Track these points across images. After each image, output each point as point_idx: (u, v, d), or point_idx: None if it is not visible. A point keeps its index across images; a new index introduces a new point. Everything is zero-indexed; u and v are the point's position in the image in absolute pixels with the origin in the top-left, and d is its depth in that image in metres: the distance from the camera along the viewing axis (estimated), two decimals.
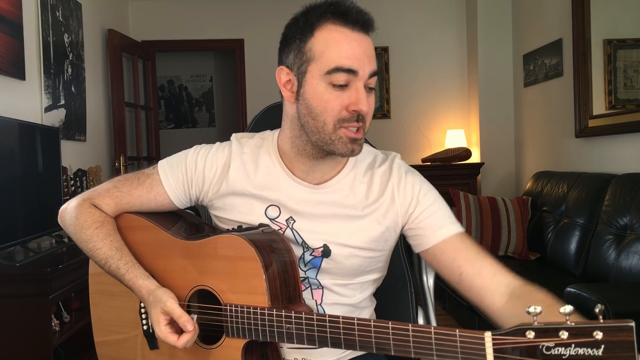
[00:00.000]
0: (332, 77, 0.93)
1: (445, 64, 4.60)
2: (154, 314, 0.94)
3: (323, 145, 0.97)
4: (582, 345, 0.64)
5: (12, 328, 2.01)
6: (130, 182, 1.10)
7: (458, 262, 0.98)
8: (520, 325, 0.68)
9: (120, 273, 1.01)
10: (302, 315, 0.87)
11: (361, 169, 1.07)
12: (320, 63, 0.93)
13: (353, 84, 0.93)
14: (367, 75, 0.94)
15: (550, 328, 0.65)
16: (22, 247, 2.30)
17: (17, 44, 2.60)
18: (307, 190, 1.04)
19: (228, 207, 1.07)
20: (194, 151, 1.10)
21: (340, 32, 0.93)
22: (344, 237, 1.02)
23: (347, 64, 0.92)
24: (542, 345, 0.66)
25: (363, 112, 0.94)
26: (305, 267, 1.03)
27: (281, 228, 1.03)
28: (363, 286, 1.08)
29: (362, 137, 0.97)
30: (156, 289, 0.97)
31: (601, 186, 2.72)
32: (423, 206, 1.03)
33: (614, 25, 3.05)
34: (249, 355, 0.95)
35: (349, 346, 0.84)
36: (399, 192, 1.04)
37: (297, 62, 0.97)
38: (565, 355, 0.64)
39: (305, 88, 0.96)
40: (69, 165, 3.06)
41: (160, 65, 5.33)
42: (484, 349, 0.70)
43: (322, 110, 0.94)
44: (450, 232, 1.01)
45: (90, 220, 1.05)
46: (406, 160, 1.13)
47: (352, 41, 0.93)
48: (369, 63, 0.94)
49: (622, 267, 2.32)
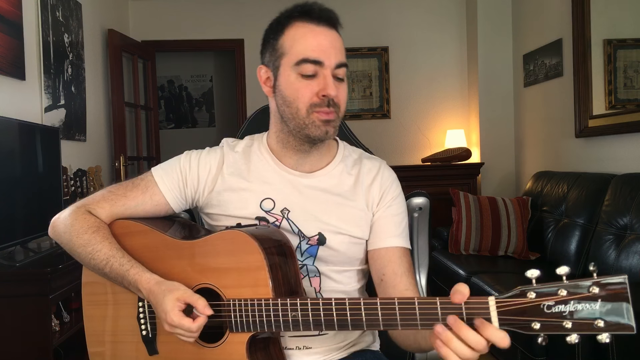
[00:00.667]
0: (300, 67, 1.01)
1: (445, 64, 4.60)
2: (169, 299, 0.93)
3: (299, 130, 1.04)
4: (580, 300, 0.68)
5: (12, 328, 2.01)
6: (125, 186, 1.11)
7: (384, 270, 1.07)
8: (521, 287, 0.72)
9: (125, 269, 1.00)
10: (307, 301, 0.89)
11: (349, 162, 1.14)
12: (290, 56, 1.02)
13: (321, 73, 1.01)
14: (333, 65, 1.01)
15: (550, 287, 0.70)
16: (22, 247, 2.30)
17: (17, 44, 2.60)
18: (299, 178, 1.10)
19: (223, 203, 1.09)
20: (186, 155, 1.14)
21: (306, 27, 1.02)
22: (337, 223, 1.07)
23: (313, 55, 1.00)
24: (543, 304, 0.70)
25: (331, 95, 1.00)
26: (302, 256, 1.07)
27: (277, 219, 1.07)
28: (359, 274, 1.13)
29: (335, 120, 1.04)
30: (166, 280, 0.97)
31: (601, 186, 2.72)
32: (390, 211, 1.11)
33: (614, 25, 3.05)
34: (253, 348, 0.96)
35: (355, 326, 0.86)
36: (380, 189, 1.12)
37: (272, 59, 1.06)
38: (565, 312, 0.69)
39: (280, 80, 1.05)
40: (69, 165, 3.06)
41: (160, 65, 5.33)
42: (489, 312, 0.74)
43: (295, 98, 1.02)
44: (396, 243, 1.09)
45: (87, 225, 1.05)
46: (406, 160, 1.18)
47: (317, 35, 1.02)
48: (334, 54, 1.02)
49: (622, 267, 2.32)
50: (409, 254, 1.11)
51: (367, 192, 1.11)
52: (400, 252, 1.09)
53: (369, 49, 4.58)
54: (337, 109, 1.03)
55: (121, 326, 1.09)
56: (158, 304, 0.95)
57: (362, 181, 1.11)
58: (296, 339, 1.06)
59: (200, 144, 1.22)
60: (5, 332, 2.01)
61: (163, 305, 0.93)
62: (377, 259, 1.09)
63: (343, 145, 1.18)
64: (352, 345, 1.12)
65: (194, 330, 0.92)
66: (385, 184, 1.12)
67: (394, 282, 1.05)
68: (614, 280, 0.68)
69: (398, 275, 1.06)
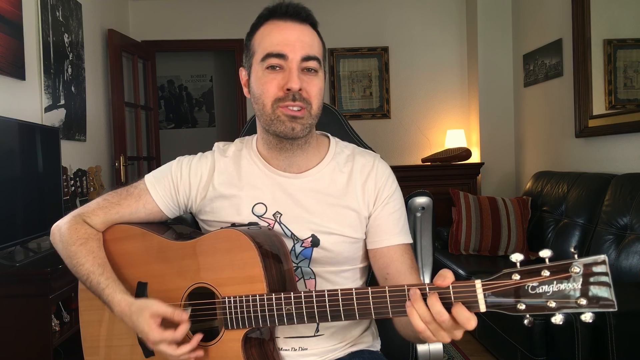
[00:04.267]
0: (265, 62, 1.02)
1: (445, 64, 4.60)
2: (142, 320, 0.95)
3: (268, 127, 1.04)
4: (563, 280, 0.72)
5: (12, 328, 2.01)
6: (119, 194, 1.13)
7: (388, 269, 1.07)
8: (506, 270, 0.75)
9: (101, 288, 1.02)
10: (301, 294, 0.90)
11: (341, 159, 1.13)
12: (258, 53, 1.04)
13: (286, 67, 1.01)
14: (298, 57, 1.01)
15: (533, 269, 0.73)
16: (22, 247, 2.30)
17: (17, 44, 2.60)
18: (289, 180, 1.09)
19: (216, 210, 1.10)
20: (177, 162, 1.15)
21: (273, 24, 1.04)
22: (329, 224, 1.06)
23: (276, 49, 1.01)
24: (527, 285, 0.74)
25: (294, 89, 0.99)
26: (297, 259, 1.07)
27: (269, 224, 1.07)
28: (355, 274, 1.13)
29: (303, 117, 1.02)
30: (136, 300, 0.99)
31: (601, 186, 2.72)
32: (388, 209, 1.10)
33: (614, 25, 3.04)
34: (247, 345, 0.97)
35: (348, 317, 0.88)
36: (375, 187, 1.10)
37: (247, 60, 1.09)
38: (549, 292, 0.72)
39: (251, 78, 1.07)
40: (69, 165, 3.06)
41: (160, 65, 5.33)
42: (475, 294, 0.77)
43: (261, 92, 1.03)
44: (396, 241, 1.09)
45: (76, 236, 1.07)
46: (406, 160, 1.17)
47: (283, 29, 1.03)
48: (301, 47, 1.01)
49: (622, 267, 2.32)
50: (410, 248, 1.10)
51: (362, 190, 1.09)
52: (402, 250, 1.08)
53: (369, 49, 4.58)
54: (306, 104, 1.01)
55: (117, 329, 1.09)
56: (134, 326, 0.97)
57: (356, 179, 1.10)
58: (291, 339, 1.06)
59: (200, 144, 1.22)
60: (5, 332, 2.01)
61: (140, 327, 0.96)
62: (380, 258, 1.09)
63: (335, 142, 1.16)
64: (350, 345, 1.11)
65: (179, 338, 0.94)
66: (381, 180, 1.10)
67: (398, 280, 1.05)
68: (594, 259, 0.71)
69: (402, 273, 1.05)
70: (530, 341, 2.14)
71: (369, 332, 1.17)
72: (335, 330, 1.09)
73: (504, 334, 2.43)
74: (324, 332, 1.08)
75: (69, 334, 2.23)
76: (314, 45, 1.03)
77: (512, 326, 2.36)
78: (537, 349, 2.13)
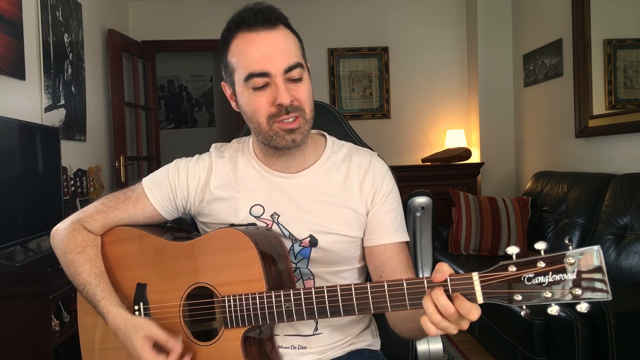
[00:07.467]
0: (250, 83, 0.98)
1: (445, 64, 4.60)
2: (136, 339, 0.96)
3: (268, 142, 1.03)
4: (558, 271, 0.74)
5: (12, 328, 2.01)
6: (117, 197, 1.12)
7: (383, 267, 1.07)
8: (503, 262, 0.77)
9: (97, 300, 1.03)
10: (300, 291, 0.91)
11: (337, 158, 1.12)
12: (238, 73, 1.00)
13: (272, 82, 0.98)
14: (281, 71, 0.97)
15: (529, 260, 0.76)
16: (22, 247, 2.30)
17: (17, 44, 2.60)
18: (285, 180, 1.09)
19: (214, 212, 1.10)
20: (174, 164, 1.14)
21: (245, 38, 0.99)
22: (327, 223, 1.06)
23: (257, 68, 0.97)
24: (523, 276, 0.76)
25: (285, 104, 0.97)
26: (295, 259, 1.07)
27: (268, 225, 1.07)
28: (353, 274, 1.13)
29: (300, 126, 1.01)
30: (132, 317, 1.00)
31: (601, 186, 2.72)
32: (385, 207, 1.09)
33: (614, 25, 3.05)
34: (247, 344, 0.97)
35: (347, 312, 0.88)
36: (373, 185, 1.10)
37: (227, 76, 1.05)
38: (544, 282, 0.74)
39: (238, 97, 1.04)
40: (69, 165, 3.06)
41: (160, 65, 5.33)
42: (473, 286, 0.78)
43: (253, 112, 1.01)
44: (393, 239, 1.08)
45: (74, 244, 1.07)
46: (406, 160, 1.16)
47: (257, 43, 0.98)
48: (280, 59, 0.97)
49: (622, 267, 2.32)
50: (406, 246, 1.10)
51: (359, 188, 1.09)
52: (398, 248, 1.08)
53: (369, 49, 4.58)
54: (300, 112, 1.00)
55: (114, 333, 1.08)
56: (127, 342, 0.98)
57: (353, 177, 1.09)
58: (291, 337, 1.07)
59: (200, 144, 1.22)
60: (5, 332, 2.01)
61: (133, 345, 0.97)
62: (375, 256, 1.09)
63: (332, 141, 1.16)
64: (349, 344, 1.11)
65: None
66: (378, 178, 1.10)
67: (394, 277, 1.04)
68: (588, 250, 0.72)
69: (397, 271, 1.06)
70: (530, 341, 2.14)
71: (369, 331, 1.17)
72: (333, 329, 1.09)
73: (504, 334, 2.43)
74: (322, 331, 1.08)
75: (69, 334, 2.23)
76: (291, 50, 0.99)
77: (512, 326, 2.36)
78: (537, 349, 2.13)
